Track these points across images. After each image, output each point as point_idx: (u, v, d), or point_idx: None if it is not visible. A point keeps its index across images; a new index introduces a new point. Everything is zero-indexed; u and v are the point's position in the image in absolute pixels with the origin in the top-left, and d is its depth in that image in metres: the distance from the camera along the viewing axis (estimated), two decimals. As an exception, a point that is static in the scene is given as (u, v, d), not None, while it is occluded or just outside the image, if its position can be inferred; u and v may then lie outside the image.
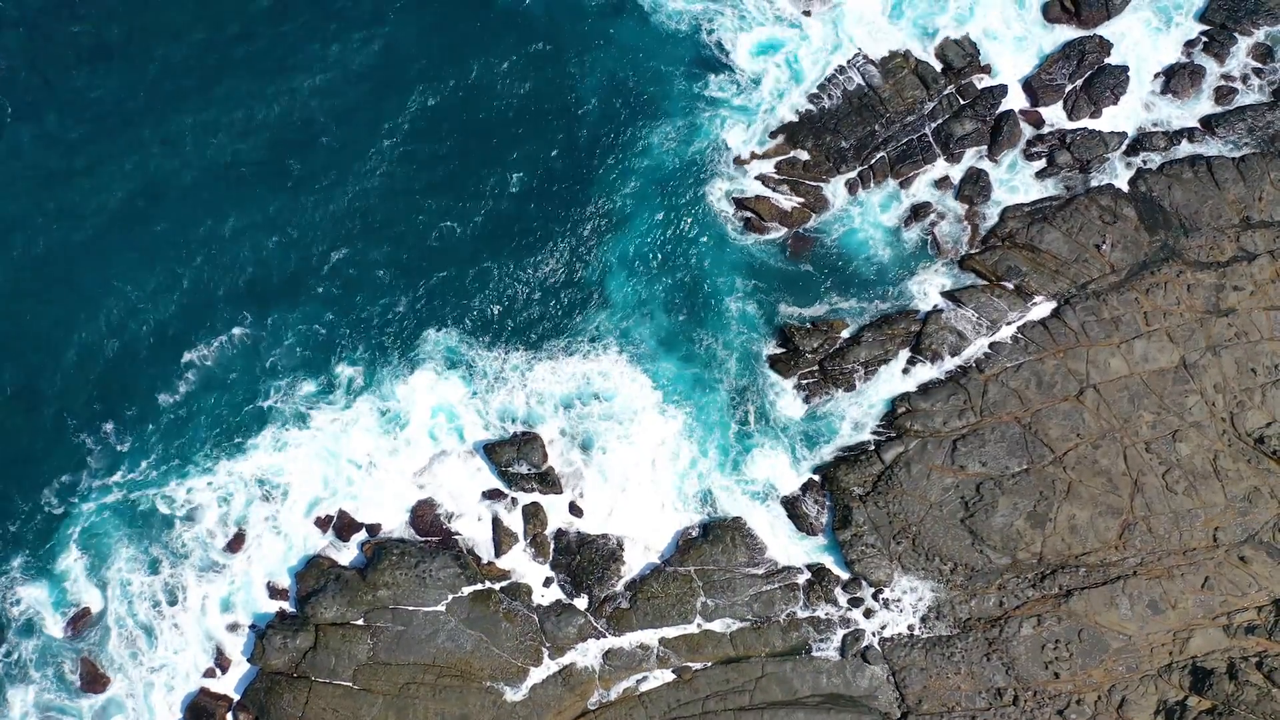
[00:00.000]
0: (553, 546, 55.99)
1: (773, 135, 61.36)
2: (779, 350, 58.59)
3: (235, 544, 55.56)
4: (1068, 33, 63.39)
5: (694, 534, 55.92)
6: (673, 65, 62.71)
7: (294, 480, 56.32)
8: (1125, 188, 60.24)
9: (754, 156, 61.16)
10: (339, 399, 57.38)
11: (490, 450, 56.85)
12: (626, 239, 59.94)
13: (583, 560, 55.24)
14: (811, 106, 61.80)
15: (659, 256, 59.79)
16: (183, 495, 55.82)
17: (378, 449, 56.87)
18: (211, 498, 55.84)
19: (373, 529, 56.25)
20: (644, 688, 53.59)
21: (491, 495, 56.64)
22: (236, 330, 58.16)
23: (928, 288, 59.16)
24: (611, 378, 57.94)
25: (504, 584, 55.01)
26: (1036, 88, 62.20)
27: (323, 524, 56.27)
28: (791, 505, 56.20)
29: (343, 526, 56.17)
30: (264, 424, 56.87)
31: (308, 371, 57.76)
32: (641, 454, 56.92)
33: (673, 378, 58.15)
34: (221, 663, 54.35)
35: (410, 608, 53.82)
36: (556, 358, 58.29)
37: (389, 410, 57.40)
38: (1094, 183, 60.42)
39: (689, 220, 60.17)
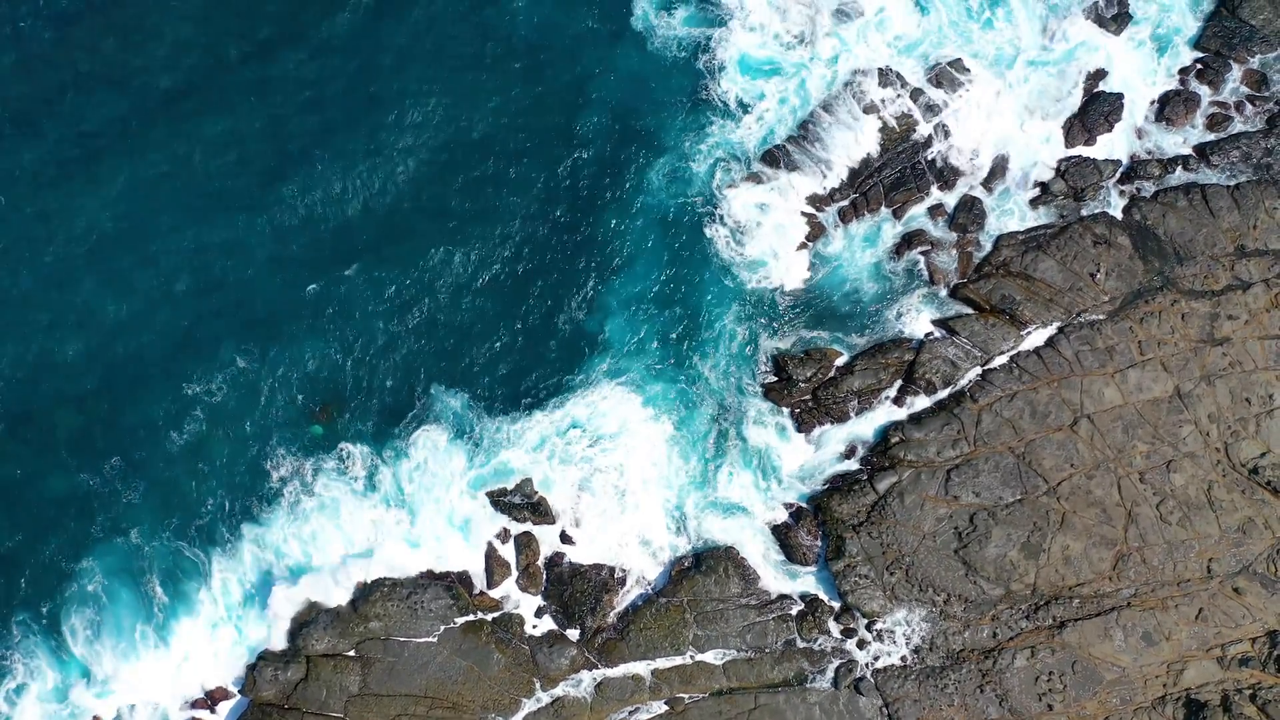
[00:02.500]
0: (545, 577, 55.87)
1: (768, 163, 61.14)
2: (773, 379, 58.46)
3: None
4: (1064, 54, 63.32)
5: (687, 564, 55.78)
6: (668, 94, 62.47)
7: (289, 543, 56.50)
8: (1119, 216, 60.13)
9: (749, 184, 60.87)
10: (345, 469, 56.62)
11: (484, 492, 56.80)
12: (624, 278, 59.56)
13: (575, 591, 55.09)
14: (807, 134, 61.58)
15: (657, 293, 59.37)
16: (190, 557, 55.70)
17: (377, 518, 56.54)
18: (222, 561, 55.69)
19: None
20: (636, 719, 53.48)
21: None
22: (242, 365, 57.85)
23: (920, 316, 59.00)
24: (606, 412, 57.60)
25: (496, 615, 54.88)
26: (1031, 115, 62.24)
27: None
28: (784, 535, 56.06)
29: (335, 556, 56.18)
30: (268, 493, 56.24)
31: (310, 435, 57.21)
32: (633, 483, 56.73)
33: (664, 407, 57.79)
34: (213, 696, 54.18)
35: (402, 639, 53.70)
36: (554, 396, 57.86)
37: (398, 490, 56.65)
38: (1088, 211, 60.33)
39: (686, 255, 59.85)
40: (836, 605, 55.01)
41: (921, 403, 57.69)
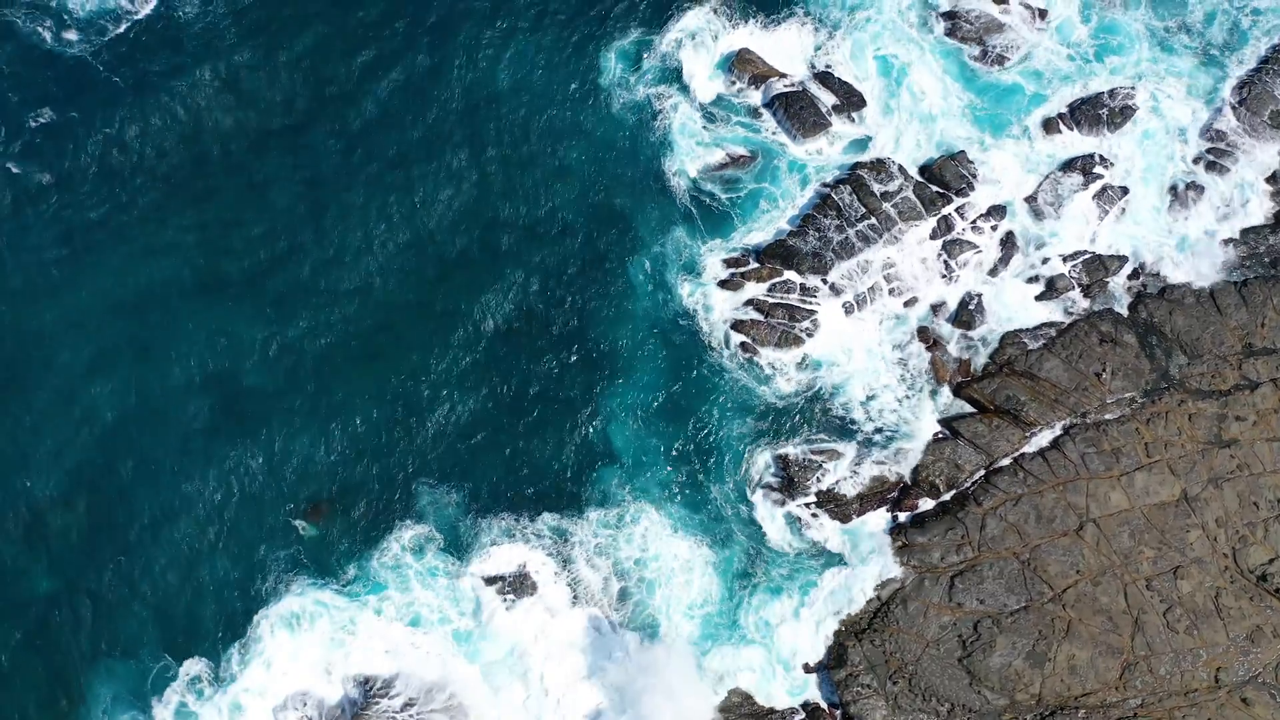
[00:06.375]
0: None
1: (762, 259, 60.05)
2: (775, 481, 57.38)
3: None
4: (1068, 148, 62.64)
5: (687, 673, 54.99)
6: (648, 180, 61.45)
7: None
8: (1125, 313, 59.39)
9: (744, 280, 59.75)
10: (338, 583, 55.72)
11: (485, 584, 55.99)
12: (617, 387, 58.43)
13: (573, 700, 54.38)
14: (803, 226, 60.60)
15: (652, 401, 58.23)
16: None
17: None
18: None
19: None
20: (635, 833, 52.73)
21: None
22: (236, 463, 56.90)
23: (924, 417, 58.15)
24: (614, 527, 56.75)
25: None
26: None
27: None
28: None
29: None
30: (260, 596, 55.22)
31: (302, 534, 56.23)
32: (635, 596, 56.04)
33: (668, 522, 56.54)
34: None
35: (397, 749, 53.06)
36: (568, 508, 57.01)
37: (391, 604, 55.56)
38: (1094, 307, 59.55)
39: (680, 355, 58.80)
40: (838, 715, 54.19)
41: (925, 505, 56.90)
